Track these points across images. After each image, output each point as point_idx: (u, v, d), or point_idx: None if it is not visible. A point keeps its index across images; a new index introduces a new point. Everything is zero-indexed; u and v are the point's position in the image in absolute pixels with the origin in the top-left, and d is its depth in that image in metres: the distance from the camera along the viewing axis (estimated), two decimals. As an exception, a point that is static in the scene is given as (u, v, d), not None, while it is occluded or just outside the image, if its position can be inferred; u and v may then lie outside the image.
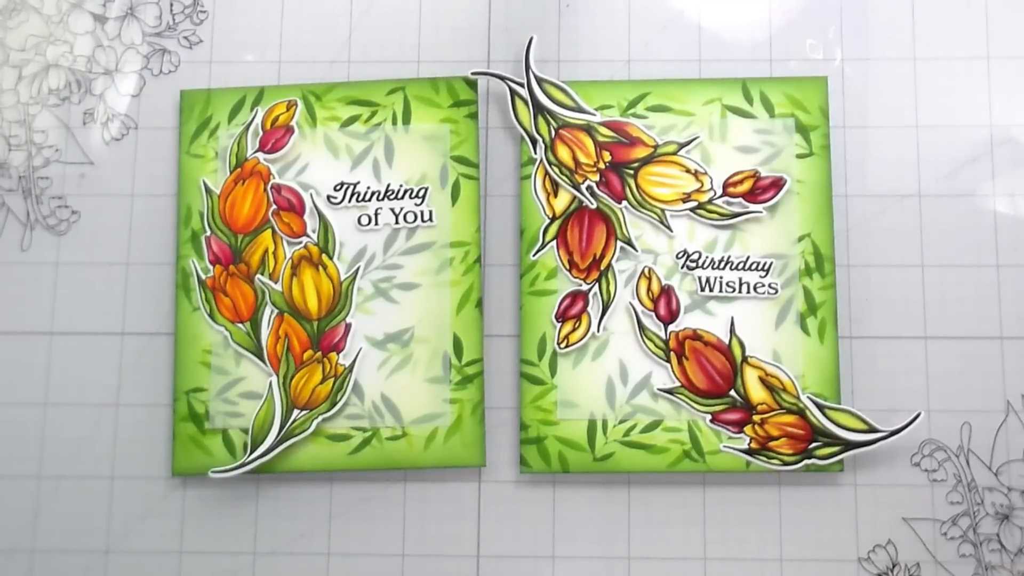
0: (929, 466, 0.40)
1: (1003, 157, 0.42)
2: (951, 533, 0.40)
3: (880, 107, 0.42)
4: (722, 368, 0.40)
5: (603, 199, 0.41)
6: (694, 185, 0.41)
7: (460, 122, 0.42)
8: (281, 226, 0.42)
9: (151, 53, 0.44)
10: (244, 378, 0.41)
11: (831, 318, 0.40)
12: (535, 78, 0.42)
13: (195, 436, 0.41)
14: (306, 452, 0.40)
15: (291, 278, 0.41)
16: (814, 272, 0.41)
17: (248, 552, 0.41)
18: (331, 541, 0.41)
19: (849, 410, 0.39)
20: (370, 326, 0.41)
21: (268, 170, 0.42)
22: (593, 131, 0.42)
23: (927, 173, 0.42)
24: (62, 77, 0.44)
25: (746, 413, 0.40)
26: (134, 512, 0.41)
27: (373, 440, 0.40)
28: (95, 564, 0.41)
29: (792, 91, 0.42)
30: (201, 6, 0.44)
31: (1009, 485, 0.40)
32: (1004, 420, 0.40)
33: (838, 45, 0.43)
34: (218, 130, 0.43)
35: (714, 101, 0.42)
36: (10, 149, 0.43)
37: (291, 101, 0.43)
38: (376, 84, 0.43)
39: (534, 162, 0.42)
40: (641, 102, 0.42)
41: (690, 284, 0.41)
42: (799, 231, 0.41)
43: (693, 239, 0.41)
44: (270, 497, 0.41)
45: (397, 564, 0.40)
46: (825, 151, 0.41)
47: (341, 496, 0.41)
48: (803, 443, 0.39)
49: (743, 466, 0.40)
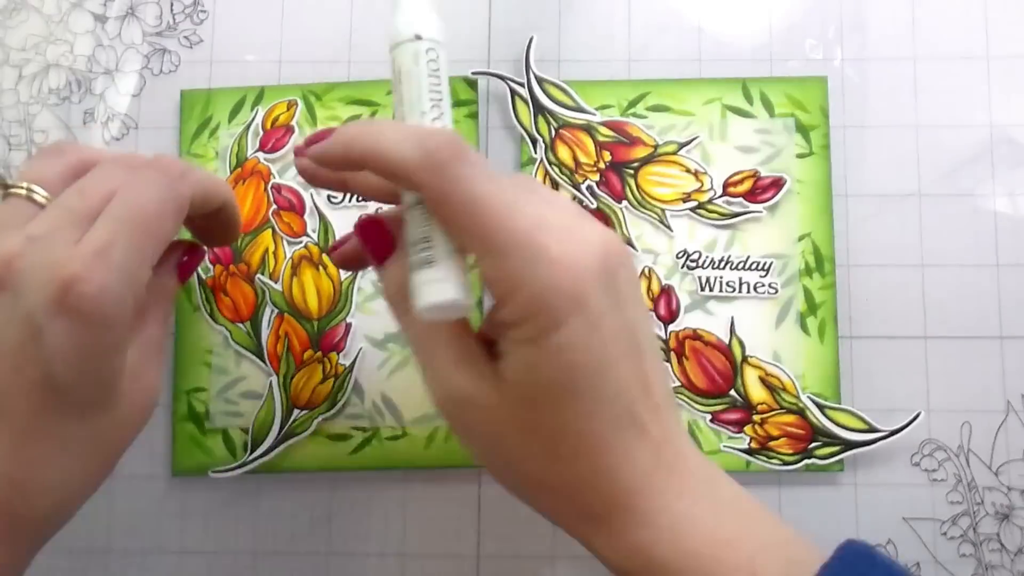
0: (929, 466, 0.40)
1: (1003, 157, 0.42)
2: (951, 533, 0.40)
3: (880, 107, 0.42)
4: (722, 368, 0.40)
5: (603, 199, 0.41)
6: (694, 185, 0.41)
7: (460, 122, 0.42)
8: (281, 226, 0.42)
9: (151, 53, 0.44)
10: (244, 378, 0.41)
11: (831, 318, 0.40)
12: (535, 78, 0.42)
13: (195, 436, 0.41)
14: (306, 452, 0.40)
15: (291, 278, 0.41)
16: (814, 272, 0.41)
17: (248, 552, 0.41)
18: (331, 541, 0.41)
19: (849, 410, 0.39)
20: (370, 326, 0.41)
21: (268, 170, 0.42)
22: (593, 131, 0.42)
23: (927, 173, 0.42)
24: (62, 77, 0.44)
25: (746, 413, 0.40)
26: (134, 512, 0.41)
27: (373, 440, 0.40)
28: (95, 564, 0.41)
29: (792, 91, 0.42)
30: (201, 6, 0.44)
31: (1009, 485, 0.40)
32: (1004, 420, 0.40)
33: (838, 45, 0.43)
34: (218, 130, 0.43)
35: (714, 101, 0.42)
36: (10, 149, 0.43)
37: (291, 101, 0.43)
38: (376, 84, 0.43)
39: (534, 162, 0.42)
40: (641, 102, 0.42)
41: (690, 284, 0.41)
42: (799, 231, 0.41)
43: (693, 239, 0.41)
44: (270, 497, 0.41)
45: (397, 564, 0.40)
46: (825, 151, 0.41)
47: (341, 496, 0.41)
48: (803, 443, 0.39)
49: (743, 466, 0.40)
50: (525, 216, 0.27)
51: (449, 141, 0.27)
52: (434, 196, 0.28)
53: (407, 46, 0.30)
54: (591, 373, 0.28)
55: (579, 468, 0.28)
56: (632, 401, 0.28)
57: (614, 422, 0.28)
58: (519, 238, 0.27)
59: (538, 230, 0.27)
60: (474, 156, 0.28)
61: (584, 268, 0.27)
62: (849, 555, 0.28)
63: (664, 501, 0.28)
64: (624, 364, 0.28)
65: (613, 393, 0.28)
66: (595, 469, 0.28)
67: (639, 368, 0.29)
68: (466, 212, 0.28)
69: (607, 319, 0.28)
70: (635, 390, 0.28)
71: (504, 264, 0.27)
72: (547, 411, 0.28)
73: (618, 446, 0.28)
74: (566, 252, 0.27)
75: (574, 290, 0.27)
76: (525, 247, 0.27)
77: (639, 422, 0.28)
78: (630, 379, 0.28)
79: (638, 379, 0.29)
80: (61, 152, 0.33)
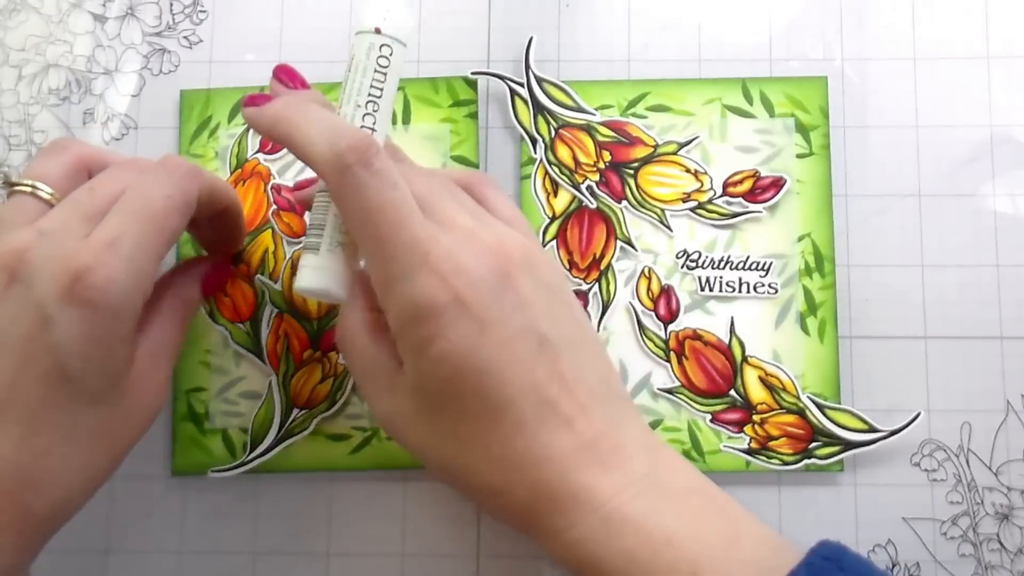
0: (929, 466, 0.40)
1: (1003, 157, 0.42)
2: (951, 533, 0.40)
3: (880, 107, 0.42)
4: (722, 368, 0.40)
5: (603, 199, 0.41)
6: (694, 185, 0.41)
7: (460, 122, 0.42)
8: (281, 226, 0.42)
9: (151, 53, 0.44)
10: (244, 378, 0.41)
11: (831, 318, 0.40)
12: (535, 78, 0.42)
13: (195, 436, 0.41)
14: (306, 452, 0.40)
15: (291, 278, 0.41)
16: (814, 272, 0.41)
17: (248, 552, 0.41)
18: (331, 541, 0.41)
19: (849, 410, 0.39)
20: (370, 326, 0.41)
21: (268, 171, 0.42)
22: (593, 131, 0.42)
23: (927, 173, 0.42)
24: (62, 77, 0.44)
25: (746, 413, 0.40)
26: (134, 512, 0.41)
27: (373, 440, 0.40)
28: (94, 564, 0.41)
29: (792, 91, 0.42)
30: (201, 6, 0.44)
31: (1009, 485, 0.40)
32: (1004, 420, 0.40)
33: (838, 45, 0.43)
34: (218, 130, 0.43)
35: (714, 101, 0.42)
36: (10, 149, 0.43)
37: (291, 101, 0.43)
38: (376, 84, 0.43)
39: (534, 162, 0.42)
40: (641, 102, 0.42)
41: (690, 284, 0.41)
42: (799, 231, 0.41)
43: (693, 239, 0.41)
44: (270, 497, 0.41)
45: (397, 564, 0.40)
46: (825, 151, 0.41)
47: (341, 496, 0.41)
48: (803, 443, 0.39)
49: (743, 466, 0.40)
50: (417, 227, 0.28)
51: (358, 144, 0.28)
52: (334, 194, 0.29)
53: (365, 36, 0.31)
54: (482, 377, 0.28)
55: (499, 469, 0.28)
56: (547, 400, 0.28)
57: (522, 424, 0.28)
58: (403, 249, 0.28)
59: (427, 240, 0.28)
60: (381, 162, 0.28)
61: (468, 275, 0.28)
62: (817, 560, 0.27)
63: (595, 498, 0.28)
64: (526, 365, 0.28)
65: (516, 393, 0.28)
66: (513, 468, 0.28)
67: (552, 368, 0.29)
68: (358, 218, 0.28)
69: (500, 324, 0.28)
70: (549, 389, 0.28)
71: (385, 273, 0.28)
72: (449, 415, 0.28)
73: (534, 446, 0.28)
74: (449, 260, 0.28)
75: (453, 298, 0.27)
76: (406, 258, 0.27)
77: (561, 420, 0.28)
78: (539, 379, 0.28)
79: (551, 378, 0.29)
80: (64, 150, 0.34)
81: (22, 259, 0.30)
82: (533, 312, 0.29)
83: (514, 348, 0.28)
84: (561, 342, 0.29)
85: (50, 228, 0.30)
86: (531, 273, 0.30)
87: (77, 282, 0.28)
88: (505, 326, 0.28)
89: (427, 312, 0.27)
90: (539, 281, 0.30)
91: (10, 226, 0.31)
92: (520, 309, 0.29)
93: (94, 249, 0.29)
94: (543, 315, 0.29)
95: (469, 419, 0.28)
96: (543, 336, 0.29)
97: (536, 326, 0.29)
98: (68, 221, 0.31)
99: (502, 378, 0.28)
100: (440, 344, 0.28)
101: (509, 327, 0.28)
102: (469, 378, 0.28)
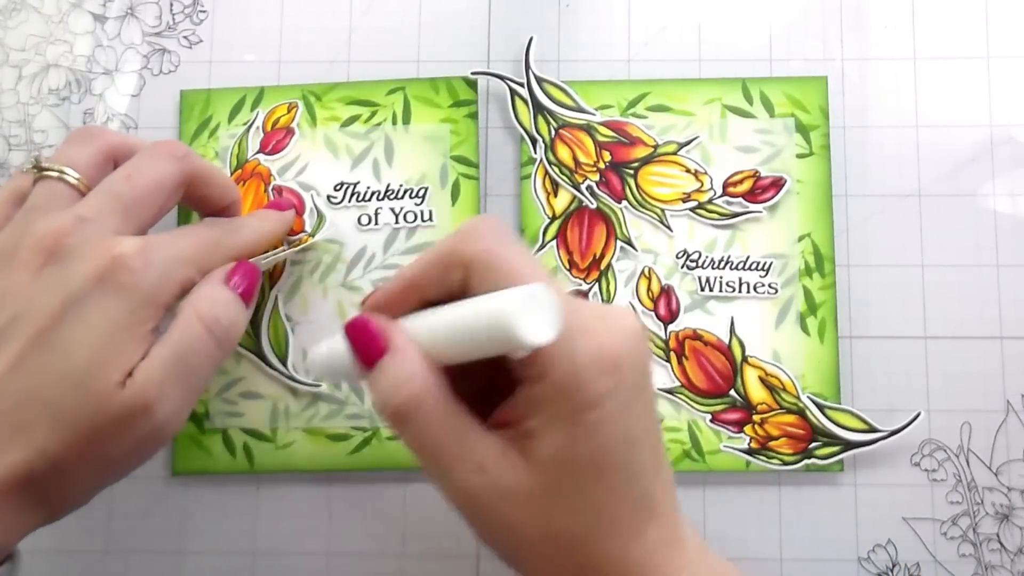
0: (929, 466, 0.40)
1: (1003, 157, 0.42)
2: (951, 533, 0.40)
3: (880, 107, 0.42)
4: (722, 368, 0.40)
5: (603, 199, 0.41)
6: (694, 185, 0.41)
7: (460, 122, 0.42)
8: (281, 226, 0.42)
9: (151, 53, 0.44)
10: (244, 378, 0.41)
11: (831, 318, 0.40)
12: (535, 78, 0.42)
13: (195, 436, 0.41)
14: (306, 452, 0.40)
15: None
16: (814, 272, 0.41)
17: (248, 552, 0.41)
18: (331, 541, 0.41)
19: (849, 410, 0.39)
20: (370, 326, 0.41)
21: (269, 171, 0.42)
22: (593, 131, 0.42)
23: (927, 173, 0.42)
24: (62, 77, 0.44)
25: (746, 413, 0.40)
26: (134, 512, 0.41)
27: (373, 440, 0.40)
28: (94, 564, 0.41)
29: (792, 91, 0.42)
30: (201, 6, 0.44)
31: (1009, 485, 0.40)
32: (1004, 420, 0.40)
33: (838, 45, 0.43)
34: (218, 130, 0.43)
35: (714, 101, 0.42)
36: (10, 149, 0.43)
37: (292, 103, 0.43)
38: (376, 84, 0.43)
39: (534, 162, 0.42)
40: (641, 102, 0.42)
41: (690, 284, 0.41)
42: (799, 231, 0.41)
43: (693, 239, 0.41)
44: (270, 497, 0.41)
45: (397, 564, 0.40)
46: (825, 151, 0.41)
47: (341, 496, 0.41)
48: (803, 443, 0.39)
49: (743, 466, 0.40)
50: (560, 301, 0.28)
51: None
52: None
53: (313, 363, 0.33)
54: (622, 450, 0.28)
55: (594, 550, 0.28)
56: (649, 480, 0.29)
57: (633, 501, 0.28)
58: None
59: (572, 314, 0.28)
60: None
61: (621, 347, 0.28)
62: None
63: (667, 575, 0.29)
64: (646, 442, 0.29)
65: (638, 470, 0.28)
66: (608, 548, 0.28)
67: (656, 447, 0.29)
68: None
69: (637, 399, 0.28)
70: (651, 469, 0.29)
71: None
72: (576, 490, 0.28)
73: (634, 525, 0.28)
74: (604, 332, 0.28)
75: (612, 368, 0.27)
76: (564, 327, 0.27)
77: (653, 500, 0.29)
78: (649, 457, 0.29)
79: (654, 458, 0.29)
80: (93, 137, 0.35)
81: (60, 243, 0.31)
82: (650, 389, 0.30)
83: (642, 423, 0.29)
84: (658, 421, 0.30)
85: (90, 215, 0.31)
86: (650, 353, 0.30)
87: (114, 267, 0.30)
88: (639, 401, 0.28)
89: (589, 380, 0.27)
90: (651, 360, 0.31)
91: (46, 210, 0.32)
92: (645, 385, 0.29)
93: (132, 242, 0.31)
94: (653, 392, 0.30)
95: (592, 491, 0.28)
96: (654, 413, 0.30)
97: (652, 404, 0.29)
98: (107, 211, 0.32)
99: (633, 453, 0.28)
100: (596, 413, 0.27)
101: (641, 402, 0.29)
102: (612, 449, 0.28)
